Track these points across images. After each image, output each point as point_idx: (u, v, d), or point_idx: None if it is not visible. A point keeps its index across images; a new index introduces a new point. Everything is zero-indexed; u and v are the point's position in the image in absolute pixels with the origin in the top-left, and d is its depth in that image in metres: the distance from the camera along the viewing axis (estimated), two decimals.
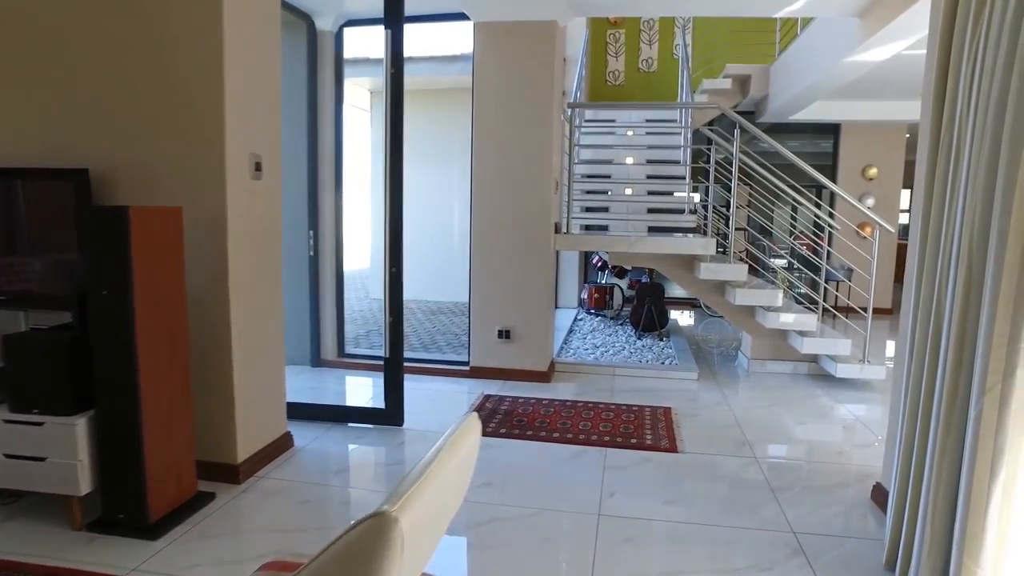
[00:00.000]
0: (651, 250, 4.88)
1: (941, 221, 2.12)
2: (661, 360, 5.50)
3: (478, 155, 4.74)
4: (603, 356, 5.64)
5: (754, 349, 5.31)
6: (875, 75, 6.34)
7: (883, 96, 7.53)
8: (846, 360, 4.85)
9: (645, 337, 6.45)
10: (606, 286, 7.13)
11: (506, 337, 4.86)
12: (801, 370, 5.28)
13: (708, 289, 5.27)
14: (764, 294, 4.89)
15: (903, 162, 8.57)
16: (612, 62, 9.14)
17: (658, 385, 4.88)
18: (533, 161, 4.65)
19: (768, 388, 4.87)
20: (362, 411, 3.99)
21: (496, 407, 4.25)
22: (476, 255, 4.84)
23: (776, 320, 4.84)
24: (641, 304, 6.45)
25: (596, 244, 5.12)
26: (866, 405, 4.51)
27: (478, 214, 4.79)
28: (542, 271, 4.76)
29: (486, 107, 4.70)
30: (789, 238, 7.07)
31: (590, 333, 6.68)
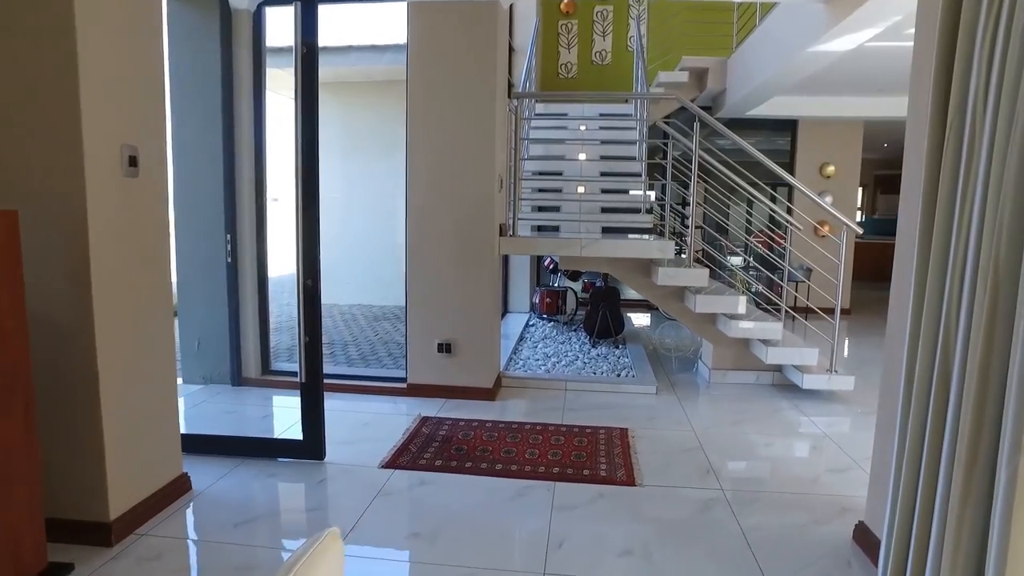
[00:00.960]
0: (604, 253, 4.49)
1: (949, 229, 1.75)
2: (617, 371, 5.12)
3: (413, 150, 4.27)
4: (555, 368, 5.23)
5: (715, 358, 4.97)
6: (835, 69, 6.08)
7: (841, 91, 7.31)
8: (813, 370, 4.54)
9: (600, 345, 6.07)
10: (559, 290, 6.73)
11: (447, 351, 4.40)
12: (765, 380, 4.96)
13: (666, 295, 4.90)
14: (726, 301, 4.54)
15: (860, 160, 8.40)
16: (564, 54, 8.75)
17: (614, 400, 4.49)
18: (474, 157, 4.20)
19: (731, 401, 4.53)
20: (277, 444, 3.48)
21: (433, 432, 3.79)
22: (412, 261, 4.36)
23: (739, 329, 4.50)
24: (595, 310, 6.06)
25: (545, 247, 4.70)
26: (835, 418, 4.20)
27: (414, 215, 4.32)
28: (486, 277, 4.31)
29: (421, 97, 4.23)
30: (748, 237, 6.80)
31: (542, 341, 6.26)
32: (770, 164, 4.65)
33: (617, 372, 5.09)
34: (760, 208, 9.05)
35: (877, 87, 7.05)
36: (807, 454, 3.61)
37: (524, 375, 4.88)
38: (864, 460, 3.48)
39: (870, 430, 4.16)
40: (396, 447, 3.55)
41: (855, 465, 3.43)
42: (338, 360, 5.89)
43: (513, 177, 4.61)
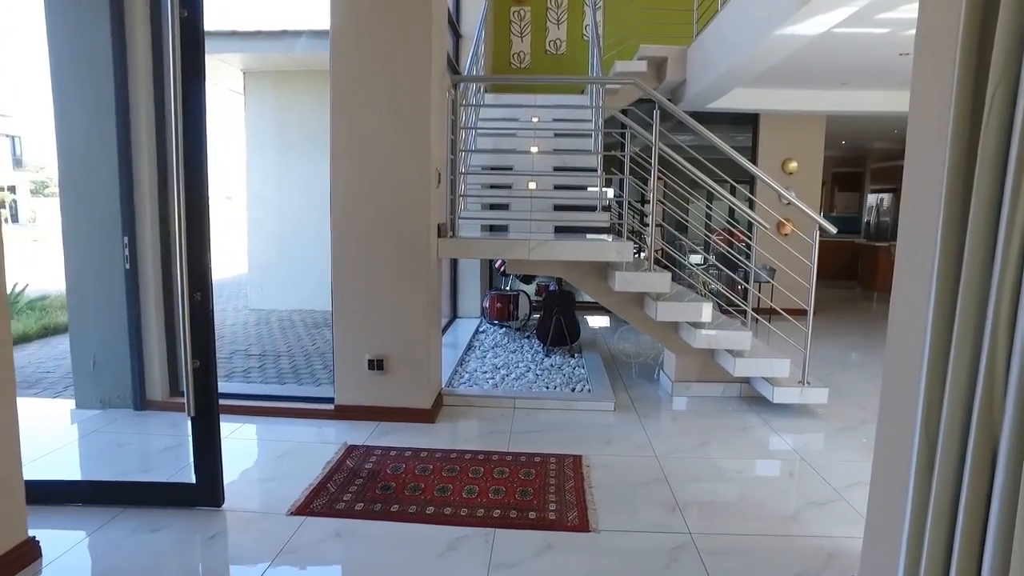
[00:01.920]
0: (556, 256, 4.03)
1: (994, 227, 1.32)
2: (571, 385, 4.66)
3: (337, 142, 3.74)
4: (504, 381, 4.75)
5: (678, 369, 4.56)
6: (800, 58, 5.74)
7: (804, 84, 7.02)
8: (783, 382, 4.16)
9: (554, 353, 5.62)
10: (510, 294, 6.26)
11: (379, 368, 3.88)
12: (732, 392, 4.57)
13: (625, 301, 4.47)
14: (690, 308, 4.13)
15: (822, 156, 8.14)
16: (517, 43, 8.28)
17: (567, 420, 4.03)
18: (406, 149, 3.69)
19: (696, 418, 4.12)
20: (165, 489, 2.91)
21: (359, 465, 3.27)
22: (337, 266, 3.83)
23: (705, 338, 4.09)
24: (549, 316, 5.61)
25: (489, 249, 4.22)
26: (809, 436, 3.82)
27: (338, 215, 3.79)
28: (422, 284, 3.81)
29: (345, 84, 3.70)
30: (711, 236, 6.43)
31: (491, 350, 5.78)
32: (738, 158, 4.25)
33: (572, 386, 4.64)
34: (721, 205, 8.74)
35: (841, 80, 6.76)
36: (784, 483, 3.21)
37: (468, 392, 4.39)
38: (846, 489, 3.10)
39: (848, 449, 3.83)
40: (312, 486, 3.02)
41: (837, 496, 3.04)
42: (268, 375, 5.32)
43: (453, 171, 4.11)
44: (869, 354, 6.17)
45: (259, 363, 5.77)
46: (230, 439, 3.60)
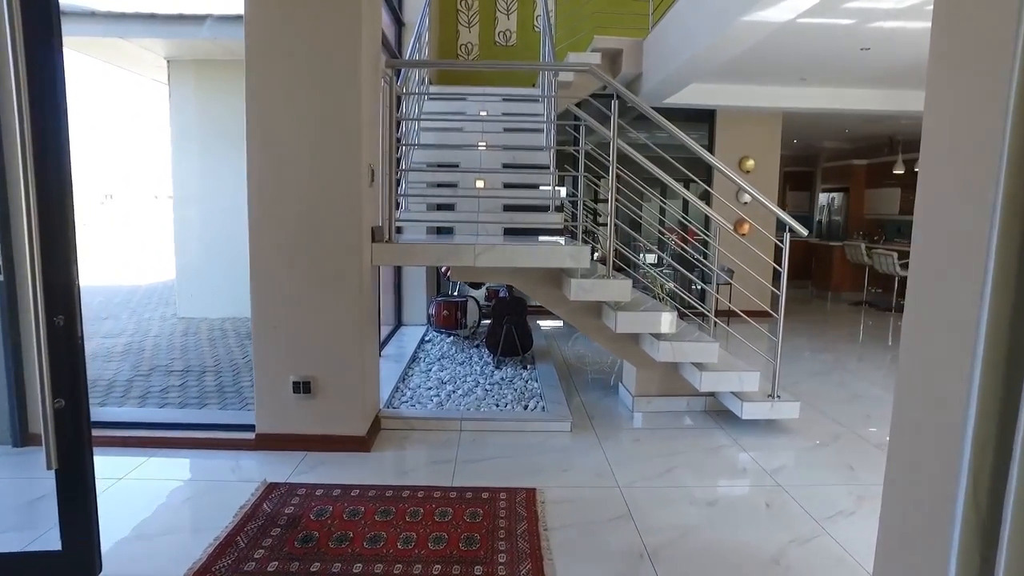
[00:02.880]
0: (504, 263, 3.61)
1: None
2: (524, 402, 4.27)
3: (253, 137, 3.25)
4: (450, 399, 4.32)
5: (639, 383, 4.21)
6: (760, 51, 5.49)
7: (762, 80, 6.78)
8: (753, 396, 3.85)
9: (505, 364, 5.21)
10: (457, 300, 5.83)
11: (305, 391, 3.41)
12: (697, 405, 4.25)
13: (580, 310, 4.10)
14: (651, 318, 3.78)
15: (779, 154, 7.95)
16: (464, 33, 7.84)
17: (520, 444, 3.63)
18: (333, 143, 3.23)
19: (661, 439, 3.77)
20: (21, 561, 2.38)
21: (278, 510, 2.80)
22: (256, 277, 3.34)
23: (669, 351, 3.74)
24: (499, 324, 5.20)
25: (429, 255, 3.77)
26: (782, 456, 3.51)
27: (257, 219, 3.30)
28: (355, 295, 3.35)
29: (262, 69, 3.21)
30: (668, 235, 6.15)
31: (437, 361, 5.34)
32: (701, 152, 3.92)
33: (524, 402, 4.24)
34: (678, 203, 8.49)
35: (800, 76, 6.55)
36: (761, 517, 2.87)
37: (410, 414, 3.94)
38: (829, 521, 2.79)
39: (825, 471, 3.41)
40: (219, 540, 2.54)
41: (820, 530, 2.71)
42: (188, 395, 4.77)
43: (389, 168, 3.65)
44: (834, 360, 5.96)
45: (181, 380, 5.20)
46: (127, 480, 3.07)
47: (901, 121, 9.08)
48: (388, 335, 6.18)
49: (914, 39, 5.07)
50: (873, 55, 5.60)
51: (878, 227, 11.07)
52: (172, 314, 8.36)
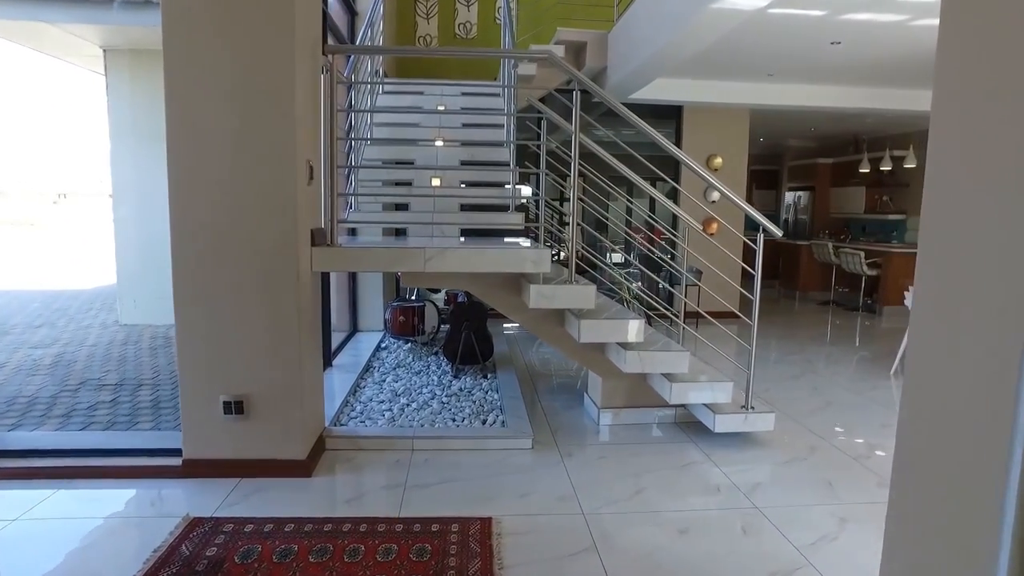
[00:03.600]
0: (459, 267, 3.31)
1: None
2: (483, 415, 3.98)
3: (173, 131, 2.91)
4: (403, 413, 4.01)
5: (605, 394, 3.95)
6: (727, 45, 5.30)
7: (730, 75, 6.60)
8: (725, 408, 3.62)
9: (464, 373, 4.92)
10: (415, 305, 5.51)
11: (237, 411, 3.07)
12: (666, 417, 4.01)
13: (542, 317, 3.83)
14: (618, 327, 3.51)
15: (747, 152, 7.79)
16: (423, 25, 7.52)
17: (477, 464, 3.34)
18: (263, 138, 2.90)
19: (629, 455, 3.51)
20: None
21: (199, 551, 2.47)
22: (179, 285, 2.99)
23: (637, 362, 3.48)
24: (457, 330, 4.90)
25: (376, 260, 3.44)
26: (756, 472, 3.28)
27: (179, 221, 2.95)
28: (292, 305, 3.02)
29: (182, 56, 2.87)
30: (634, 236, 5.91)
31: (392, 371, 5.02)
32: (670, 147, 3.68)
33: (483, 417, 3.95)
34: (643, 202, 8.28)
35: (768, 71, 6.38)
36: (739, 545, 2.62)
37: (358, 432, 3.62)
38: (811, 549, 2.55)
39: (803, 489, 3.08)
40: None
41: (802, 559, 2.48)
42: (119, 413, 4.37)
43: (330, 165, 3.32)
44: (804, 363, 5.80)
45: (112, 396, 4.78)
46: (22, 521, 2.70)
47: (867, 120, 9.02)
48: (342, 342, 5.84)
49: (885, 32, 4.92)
50: (843, 50, 5.44)
51: (844, 226, 11.03)
52: (114, 321, 7.87)
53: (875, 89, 6.96)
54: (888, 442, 3.80)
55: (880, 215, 10.07)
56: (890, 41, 5.16)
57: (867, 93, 6.99)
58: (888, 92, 7.02)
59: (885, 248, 8.72)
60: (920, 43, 5.14)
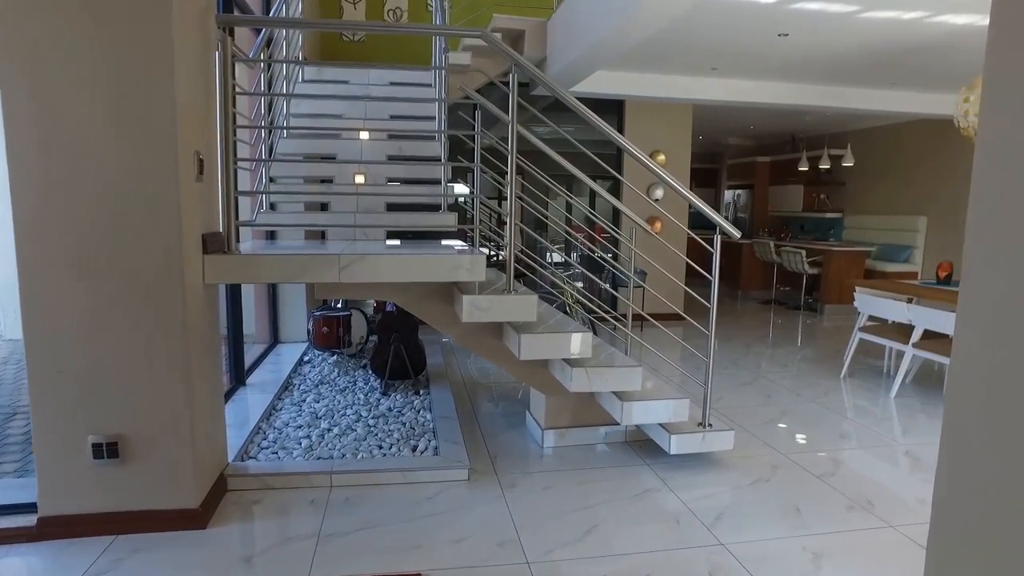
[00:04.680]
0: (379, 277, 2.86)
1: None
2: (414, 440, 3.54)
3: (13, 117, 2.35)
4: (323, 440, 3.53)
5: (549, 413, 3.58)
6: (671, 36, 5.02)
7: (673, 68, 6.34)
8: (681, 427, 3.29)
9: (394, 390, 4.46)
10: (339, 315, 5.01)
11: (110, 455, 2.54)
12: (616, 436, 3.66)
13: (477, 330, 3.42)
14: (560, 341, 3.13)
15: (690, 149, 7.58)
16: (349, 11, 6.99)
17: (404, 501, 2.90)
18: (136, 123, 2.39)
19: (578, 483, 3.14)
20: None
21: None
22: (30, 303, 2.44)
23: (584, 380, 3.11)
24: (386, 343, 4.44)
25: (282, 270, 2.93)
26: (718, 499, 2.96)
27: (27, 223, 2.40)
28: (177, 323, 2.51)
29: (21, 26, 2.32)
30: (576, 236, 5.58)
31: (314, 389, 4.51)
32: (619, 138, 3.33)
33: (414, 441, 3.51)
34: (585, 201, 7.99)
35: (712, 65, 6.14)
36: None
37: (266, 469, 3.12)
38: None
39: (769, 518, 2.80)
40: None
41: None
42: None
43: (225, 158, 2.82)
44: (755, 367, 5.57)
45: None
46: None
47: (806, 118, 8.97)
48: (260, 356, 5.28)
49: (832, 25, 4.72)
50: (789, 44, 5.23)
51: (783, 224, 11.04)
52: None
53: (818, 86, 6.84)
54: (848, 454, 3.56)
55: (818, 213, 10.10)
56: (836, 35, 4.98)
57: (810, 90, 6.86)
58: (830, 89, 6.91)
59: (826, 247, 8.69)
60: (863, 38, 4.97)
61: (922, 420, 4.23)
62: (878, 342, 5.10)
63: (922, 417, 4.29)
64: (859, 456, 3.57)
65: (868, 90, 7.04)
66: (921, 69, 6.05)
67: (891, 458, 3.57)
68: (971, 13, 4.50)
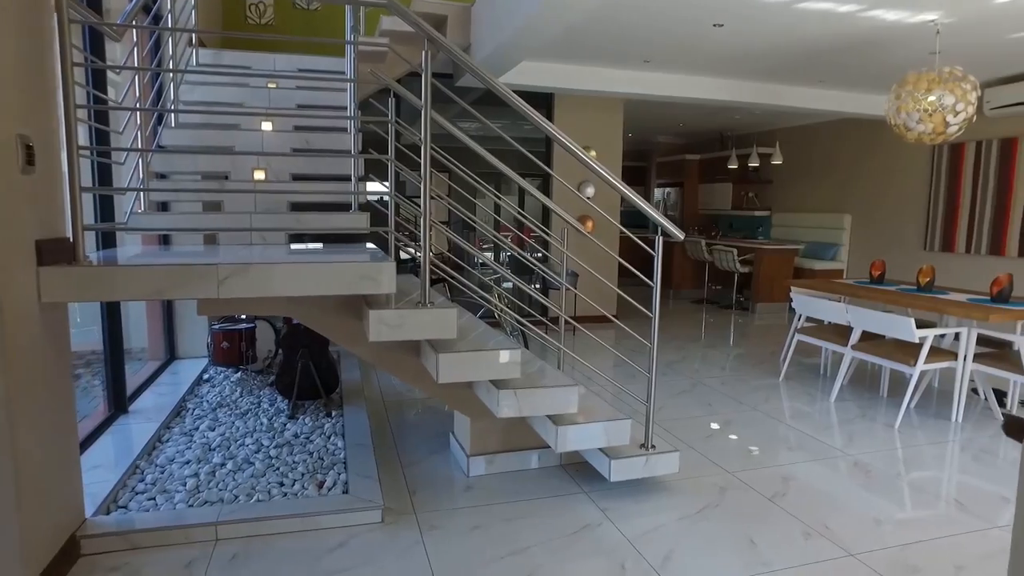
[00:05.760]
0: (264, 291, 2.39)
1: None
2: (322, 473, 3.08)
3: None
4: (213, 479, 3.02)
5: (476, 438, 3.18)
6: (598, 26, 4.74)
7: (603, 60, 6.06)
8: (622, 451, 2.96)
9: (303, 412, 3.97)
10: (242, 328, 4.46)
11: None
12: (550, 459, 3.30)
13: (391, 348, 2.99)
14: (485, 361, 2.73)
15: (621, 145, 7.33)
16: None
17: (305, 554, 2.45)
18: None
19: (509, 520, 2.76)
20: None
21: None
22: None
23: (513, 405, 2.72)
24: (292, 360, 3.94)
25: (147, 286, 2.38)
26: (665, 532, 2.63)
27: None
28: (9, 354, 1.98)
29: None
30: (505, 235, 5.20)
31: (211, 413, 3.97)
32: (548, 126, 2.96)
33: (322, 474, 3.05)
34: (514, 200, 7.65)
35: (644, 57, 5.89)
36: None
37: (132, 525, 2.58)
38: None
39: (723, 552, 2.49)
40: None
41: None
42: None
43: (67, 145, 2.29)
44: (692, 372, 5.34)
45: None
46: None
47: (735, 116, 8.91)
48: (151, 376, 4.67)
49: (769, 15, 4.51)
50: (725, 35, 5.01)
51: (712, 222, 11.02)
52: None
53: (750, 82, 6.72)
54: (796, 469, 3.32)
55: (747, 212, 10.09)
56: (771, 27, 4.78)
57: (742, 86, 6.72)
58: (762, 86, 6.80)
59: (756, 245, 8.64)
60: (797, 31, 4.80)
61: (862, 427, 4.06)
62: (816, 344, 4.95)
63: (862, 423, 4.12)
64: (808, 471, 3.34)
65: (798, 88, 6.97)
66: (850, 68, 5.98)
67: (840, 471, 3.35)
68: (900, 9, 4.39)
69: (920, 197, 7.52)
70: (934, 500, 3.05)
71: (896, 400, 4.62)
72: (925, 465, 3.47)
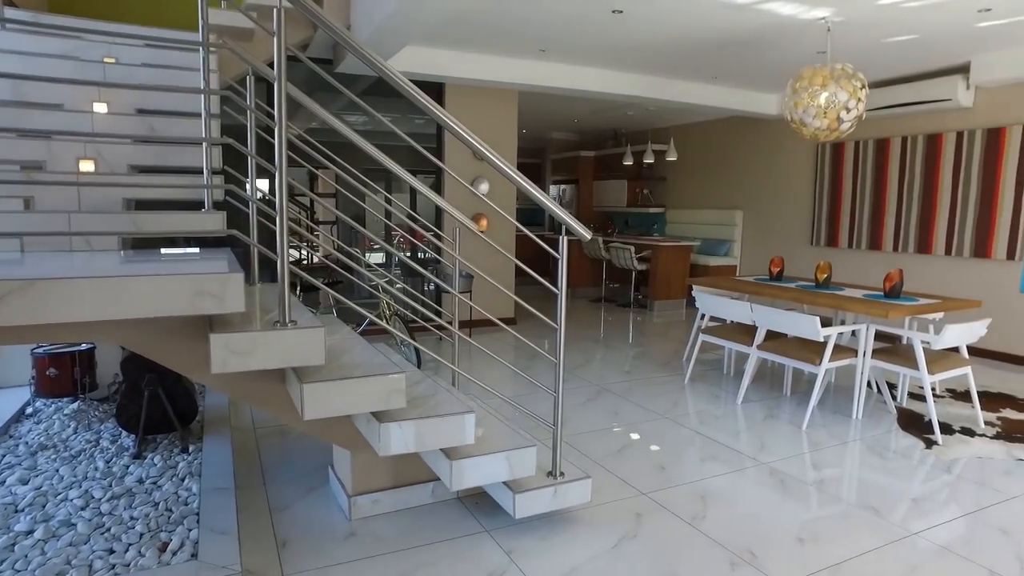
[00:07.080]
0: (69, 315, 1.83)
1: None
2: (168, 529, 2.51)
3: None
4: (11, 556, 2.38)
5: (358, 475, 2.71)
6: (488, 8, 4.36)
7: (496, 49, 5.71)
8: (528, 483, 2.58)
9: (154, 449, 3.34)
10: (73, 351, 3.73)
11: None
12: (445, 493, 2.88)
13: (247, 377, 2.46)
14: (362, 392, 2.26)
15: (516, 140, 7.00)
16: None
17: None
18: None
19: (396, 574, 2.32)
20: None
21: None
22: None
23: (399, 441, 2.28)
24: (137, 387, 3.30)
25: None
26: (576, 569, 2.29)
27: None
28: None
29: None
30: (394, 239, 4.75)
31: (31, 458, 3.24)
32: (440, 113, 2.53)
33: (164, 536, 2.48)
34: (403, 198, 7.17)
35: (540, 47, 5.58)
36: None
37: None
38: None
39: None
40: None
41: None
42: None
43: None
44: (597, 378, 5.07)
45: None
46: None
47: (628, 113, 8.83)
48: None
49: (668, 5, 4.30)
50: (625, 22, 4.77)
51: (608, 220, 10.97)
52: None
53: (645, 76, 6.57)
54: (712, 484, 3.09)
55: (642, 208, 10.08)
56: (669, 15, 4.58)
57: (637, 80, 6.57)
58: (656, 80, 6.67)
59: (653, 242, 8.59)
60: (694, 21, 4.63)
61: (771, 428, 3.93)
62: (720, 344, 4.81)
63: (771, 425, 3.99)
64: (724, 485, 3.11)
65: (692, 83, 6.91)
66: (744, 63, 5.95)
67: (756, 482, 3.15)
68: (797, 3, 4.32)
69: (806, 195, 7.69)
70: (853, 509, 2.89)
71: (798, 397, 4.56)
72: (835, 469, 3.35)
